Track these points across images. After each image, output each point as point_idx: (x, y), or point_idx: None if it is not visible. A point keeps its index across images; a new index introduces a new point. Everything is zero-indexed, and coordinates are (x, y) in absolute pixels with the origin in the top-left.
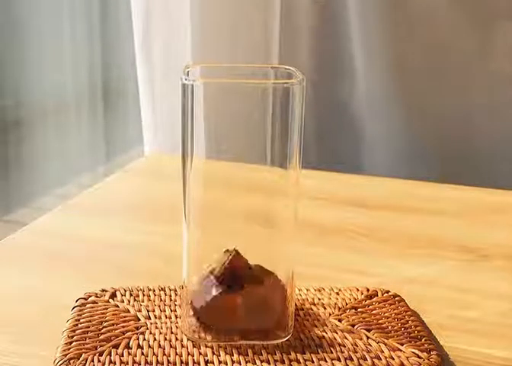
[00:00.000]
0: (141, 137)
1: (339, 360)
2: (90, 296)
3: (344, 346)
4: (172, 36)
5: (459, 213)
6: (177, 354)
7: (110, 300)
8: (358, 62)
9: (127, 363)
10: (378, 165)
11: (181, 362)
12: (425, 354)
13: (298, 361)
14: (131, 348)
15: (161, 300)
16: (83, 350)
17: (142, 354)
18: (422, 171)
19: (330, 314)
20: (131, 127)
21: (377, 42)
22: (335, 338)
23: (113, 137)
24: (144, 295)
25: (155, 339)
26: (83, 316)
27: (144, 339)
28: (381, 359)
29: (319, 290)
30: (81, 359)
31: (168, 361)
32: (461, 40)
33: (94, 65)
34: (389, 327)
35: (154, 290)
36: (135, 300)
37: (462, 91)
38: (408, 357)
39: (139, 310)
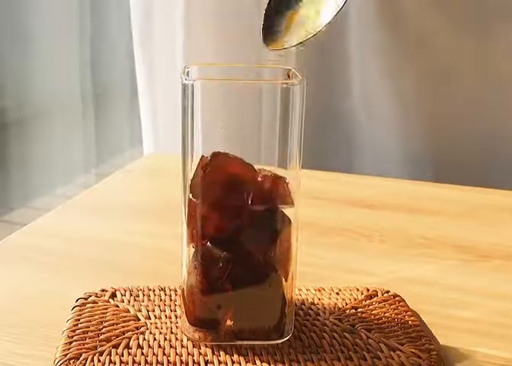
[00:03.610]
0: (140, 137)
1: (339, 360)
2: (90, 296)
3: (344, 346)
4: (171, 36)
5: (458, 213)
6: (177, 354)
7: (110, 300)
8: (353, 62)
9: (127, 363)
10: (371, 166)
11: (181, 362)
12: (425, 354)
13: (298, 361)
14: (131, 348)
15: (161, 300)
16: (83, 350)
17: (142, 354)
18: (417, 172)
19: (330, 314)
20: (128, 128)
21: (373, 41)
22: (335, 338)
23: (109, 138)
24: (144, 295)
25: (155, 339)
26: (83, 316)
27: (144, 339)
28: (381, 359)
29: (319, 290)
30: (81, 359)
31: (168, 361)
32: (459, 42)
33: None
34: (389, 327)
35: (154, 290)
36: (135, 300)
37: (461, 92)
38: (408, 357)
39: (139, 310)
